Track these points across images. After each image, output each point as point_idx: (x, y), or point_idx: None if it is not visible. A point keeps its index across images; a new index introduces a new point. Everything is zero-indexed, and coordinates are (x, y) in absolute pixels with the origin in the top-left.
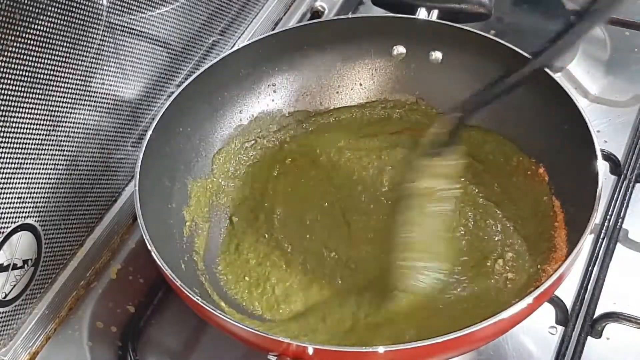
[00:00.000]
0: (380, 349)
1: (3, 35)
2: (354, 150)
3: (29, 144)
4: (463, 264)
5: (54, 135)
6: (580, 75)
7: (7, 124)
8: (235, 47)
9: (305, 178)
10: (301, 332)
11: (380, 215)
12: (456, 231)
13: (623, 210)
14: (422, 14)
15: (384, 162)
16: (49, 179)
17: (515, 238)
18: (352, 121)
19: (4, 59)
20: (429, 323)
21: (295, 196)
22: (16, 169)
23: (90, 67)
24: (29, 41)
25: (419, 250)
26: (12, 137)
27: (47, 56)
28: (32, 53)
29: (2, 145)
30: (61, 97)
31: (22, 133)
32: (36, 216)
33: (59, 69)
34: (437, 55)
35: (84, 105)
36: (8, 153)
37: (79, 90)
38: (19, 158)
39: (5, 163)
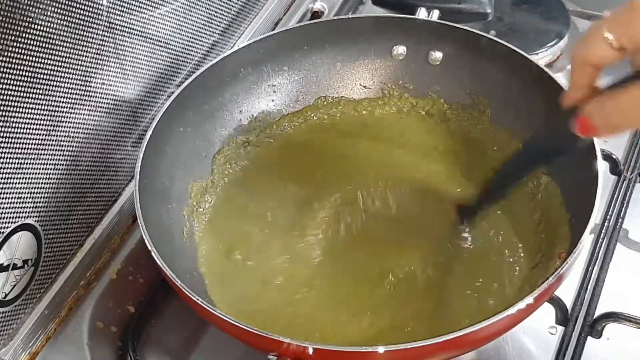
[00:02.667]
0: (380, 349)
1: (3, 35)
2: (356, 151)
3: (29, 144)
4: (460, 263)
5: (54, 135)
6: None
7: (7, 124)
8: (235, 47)
9: (306, 178)
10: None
11: (381, 215)
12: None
13: (623, 210)
14: (422, 14)
15: (384, 162)
16: (49, 179)
17: (514, 237)
18: (352, 121)
19: (4, 59)
20: (424, 321)
21: (296, 196)
22: (16, 169)
23: (90, 67)
24: (29, 41)
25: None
26: (12, 137)
27: (47, 56)
28: (32, 53)
29: (2, 145)
30: (61, 97)
31: (22, 133)
32: (36, 216)
33: (59, 69)
34: (437, 55)
35: (84, 105)
36: (8, 153)
37: (79, 90)
38: (19, 158)
39: (5, 163)
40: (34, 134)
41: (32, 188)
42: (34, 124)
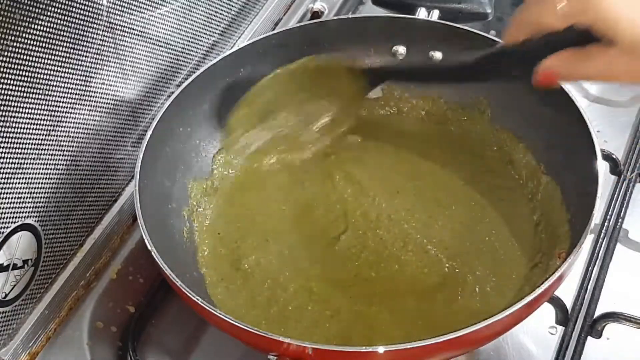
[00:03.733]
0: (380, 349)
1: (3, 35)
2: (356, 151)
3: (29, 144)
4: (461, 262)
5: (54, 135)
6: None
7: (7, 124)
8: (235, 47)
9: (305, 178)
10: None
11: (383, 216)
12: (454, 230)
13: (623, 210)
14: (422, 14)
15: (385, 162)
16: (49, 179)
17: (513, 237)
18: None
19: (4, 59)
20: (422, 320)
21: (295, 196)
22: (16, 169)
23: (90, 67)
24: (29, 41)
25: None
26: (12, 137)
27: (47, 56)
28: (32, 53)
29: (2, 145)
30: (61, 97)
31: (22, 133)
32: (36, 216)
33: (59, 69)
34: (437, 55)
35: (84, 105)
36: (8, 153)
37: (79, 90)
38: (19, 158)
39: (5, 163)
40: (34, 134)
41: (32, 188)
42: (34, 124)
